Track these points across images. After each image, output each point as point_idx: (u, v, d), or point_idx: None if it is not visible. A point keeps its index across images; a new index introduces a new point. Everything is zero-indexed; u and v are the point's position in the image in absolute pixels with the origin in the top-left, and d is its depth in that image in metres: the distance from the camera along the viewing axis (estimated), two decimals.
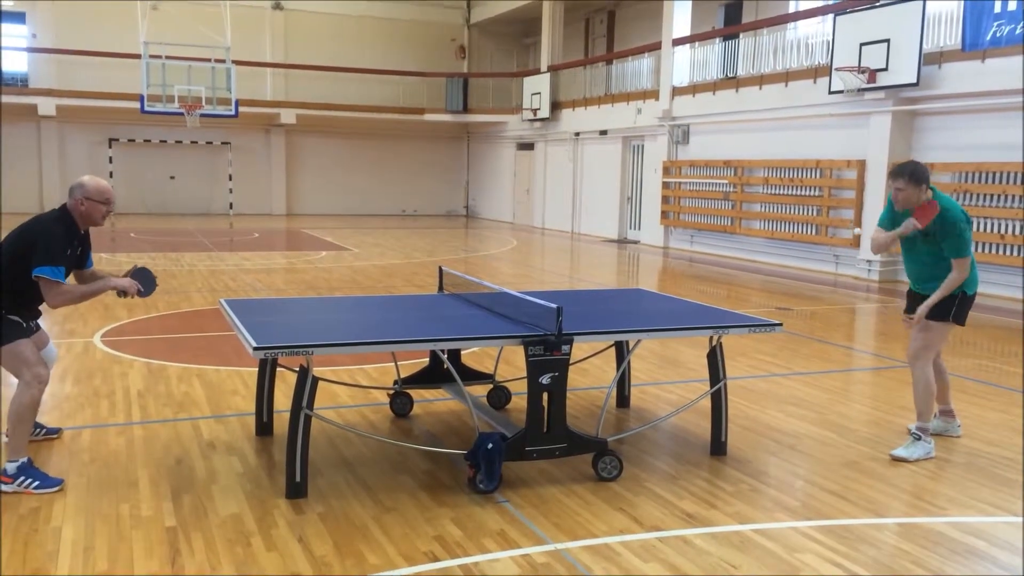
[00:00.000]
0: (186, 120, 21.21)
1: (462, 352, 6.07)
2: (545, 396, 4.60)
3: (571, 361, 4.67)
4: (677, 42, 19.28)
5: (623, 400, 6.31)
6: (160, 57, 20.92)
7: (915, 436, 5.27)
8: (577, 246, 20.52)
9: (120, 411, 5.91)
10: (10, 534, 3.92)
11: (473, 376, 6.00)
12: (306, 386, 4.32)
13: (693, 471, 4.95)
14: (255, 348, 4.18)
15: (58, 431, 5.35)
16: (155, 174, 27.14)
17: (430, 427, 5.74)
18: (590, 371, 7.21)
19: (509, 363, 7.04)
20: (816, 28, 16.27)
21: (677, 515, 4.30)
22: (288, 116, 26.99)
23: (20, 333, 4.60)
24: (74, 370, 7.01)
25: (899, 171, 5.24)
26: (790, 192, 16.05)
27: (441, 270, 6.45)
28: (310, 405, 4.35)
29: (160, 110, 21.14)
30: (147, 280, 4.97)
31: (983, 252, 12.42)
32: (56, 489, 4.43)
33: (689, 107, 18.94)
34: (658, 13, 20.01)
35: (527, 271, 15.48)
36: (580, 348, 5.60)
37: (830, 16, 15.05)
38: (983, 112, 12.65)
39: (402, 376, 5.88)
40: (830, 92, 14.69)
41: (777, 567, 3.76)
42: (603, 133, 22.42)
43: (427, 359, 5.93)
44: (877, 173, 14.02)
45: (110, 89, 24.55)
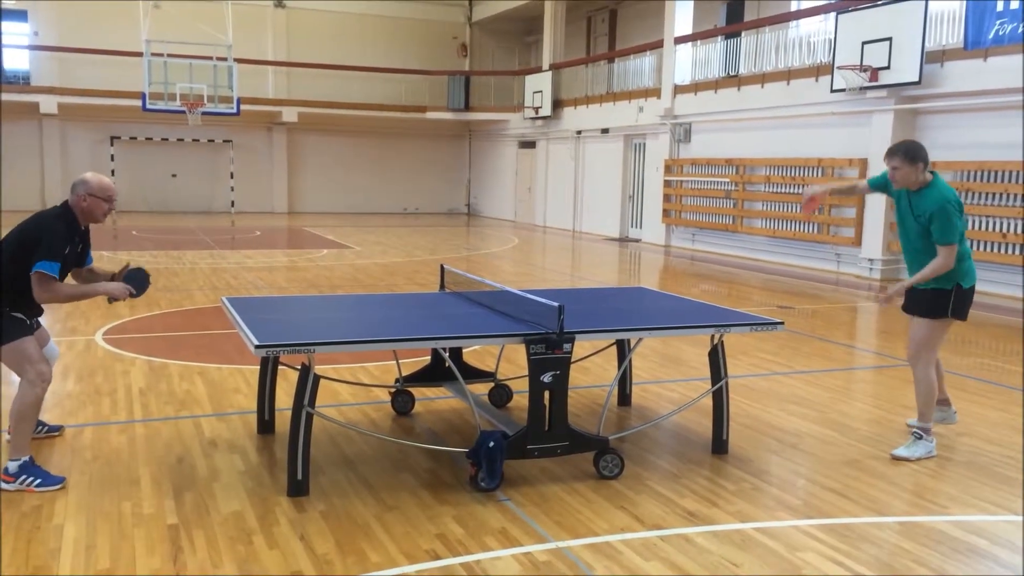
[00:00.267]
0: (188, 118, 21.21)
1: (463, 350, 6.07)
2: (546, 394, 4.60)
3: (572, 359, 4.67)
4: (679, 40, 19.27)
5: (624, 398, 6.31)
6: (162, 55, 20.91)
7: (916, 435, 5.26)
8: (579, 244, 20.52)
9: (122, 409, 5.92)
10: (12, 532, 3.93)
11: (475, 374, 6.01)
12: (308, 384, 4.32)
13: (695, 469, 4.95)
14: (257, 346, 4.19)
15: (60, 429, 5.35)
16: (157, 172, 27.15)
17: (432, 425, 5.75)
18: (591, 369, 7.21)
19: (510, 361, 7.04)
20: (818, 26, 16.25)
21: (678, 513, 4.30)
22: (290, 114, 27.00)
23: (24, 331, 4.59)
24: (76, 368, 7.02)
25: (894, 149, 5.23)
26: (792, 191, 16.03)
27: (443, 268, 6.45)
28: (312, 403, 4.35)
29: (162, 108, 21.13)
30: (139, 281, 4.91)
31: (985, 251, 12.41)
32: (58, 487, 4.44)
33: (691, 105, 18.93)
34: (660, 11, 20.00)
35: (529, 269, 15.48)
36: (581, 346, 5.60)
37: (832, 14, 15.03)
38: (985, 111, 12.63)
39: (404, 374, 5.88)
40: (832, 90, 14.68)
41: (778, 566, 3.76)
42: (605, 131, 22.41)
43: (428, 357, 5.93)
44: (879, 172, 13.98)
45: (112, 87, 24.58)
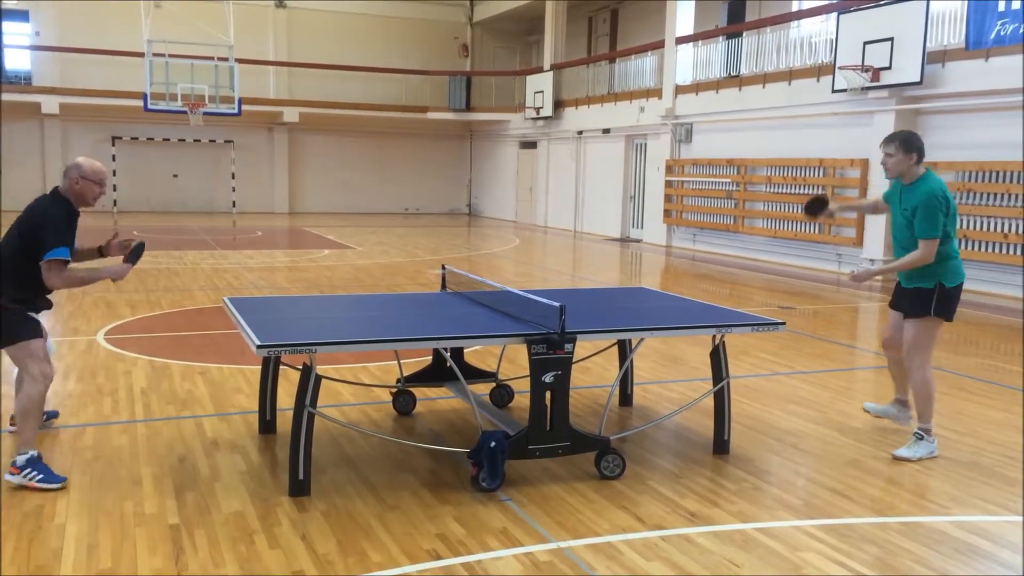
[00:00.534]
0: (189, 118, 21.21)
1: (465, 350, 6.07)
2: (548, 394, 4.60)
3: (574, 360, 4.67)
4: (680, 40, 19.27)
5: (626, 399, 6.31)
6: (163, 55, 20.92)
7: (918, 435, 5.26)
8: (580, 245, 20.52)
9: (123, 409, 5.93)
10: (14, 531, 3.93)
11: (476, 374, 6.01)
12: (309, 384, 4.33)
13: (696, 470, 4.96)
14: (258, 346, 4.19)
15: (55, 414, 5.55)
16: (158, 172, 27.16)
17: (433, 425, 5.75)
18: (593, 369, 7.21)
19: (512, 361, 7.04)
20: (820, 26, 16.24)
21: (680, 514, 4.30)
22: (291, 114, 27.01)
23: (37, 333, 4.74)
24: (78, 368, 7.03)
25: (892, 136, 5.28)
26: (793, 191, 16.03)
27: (444, 268, 6.46)
28: (313, 403, 4.35)
29: (163, 108, 21.13)
30: (139, 254, 5.00)
31: (986, 251, 12.41)
32: (58, 487, 4.46)
33: (692, 106, 18.93)
34: (661, 11, 20.00)
35: (530, 270, 15.48)
36: (583, 346, 5.60)
37: (834, 14, 15.03)
38: (987, 111, 12.63)
39: (405, 374, 5.88)
40: (833, 91, 14.68)
41: (780, 566, 3.76)
42: (606, 132, 22.41)
43: (430, 357, 5.94)
44: (880, 172, 13.95)
45: (113, 87, 24.60)
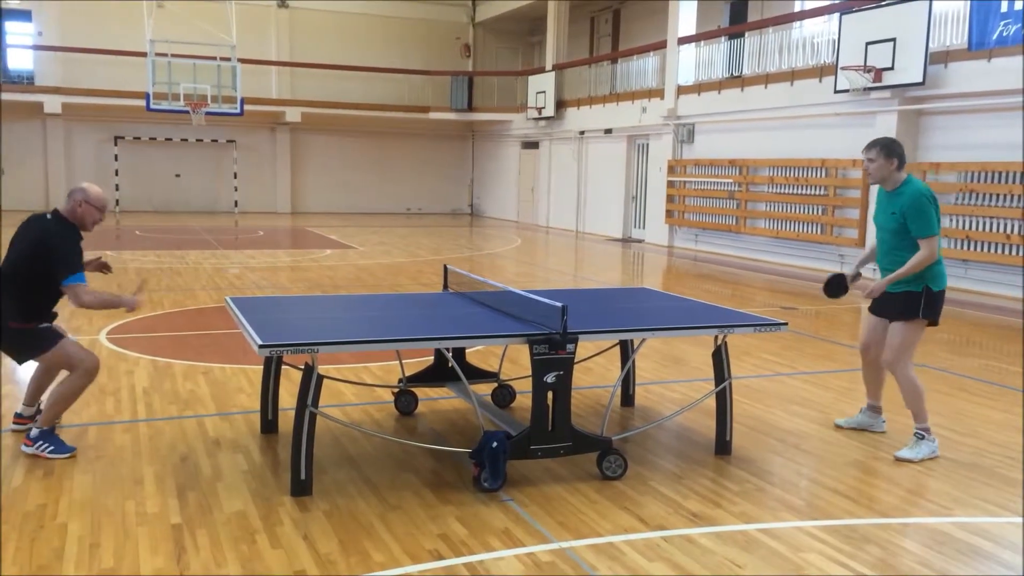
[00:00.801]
0: (191, 118, 21.22)
1: (467, 351, 6.07)
2: (550, 395, 4.60)
3: (576, 360, 4.67)
4: (682, 41, 19.26)
5: (628, 399, 6.31)
6: (166, 55, 20.93)
7: (918, 436, 5.26)
8: (582, 245, 20.52)
9: (126, 408, 5.93)
10: (16, 531, 3.94)
11: (478, 375, 6.01)
12: (311, 384, 4.33)
13: (698, 470, 4.95)
14: (260, 346, 4.20)
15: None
16: (160, 172, 27.18)
17: (435, 425, 5.75)
18: (595, 370, 7.21)
19: (514, 362, 7.04)
20: (822, 27, 16.23)
21: (682, 514, 4.30)
22: (293, 114, 27.02)
23: (55, 337, 4.94)
24: None
25: (874, 143, 5.34)
26: (795, 191, 16.02)
27: (446, 268, 6.46)
28: (315, 403, 4.35)
29: (166, 108, 21.15)
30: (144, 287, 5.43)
31: (989, 252, 12.39)
32: (68, 456, 4.79)
33: (694, 106, 18.92)
34: (663, 12, 19.99)
35: (532, 270, 15.48)
36: (585, 347, 5.60)
37: (836, 15, 15.02)
38: (989, 112, 12.61)
39: (407, 374, 5.88)
40: (836, 91, 14.67)
41: (782, 567, 3.76)
42: (608, 132, 22.40)
43: (432, 357, 5.94)
44: None
45: (116, 87, 24.60)
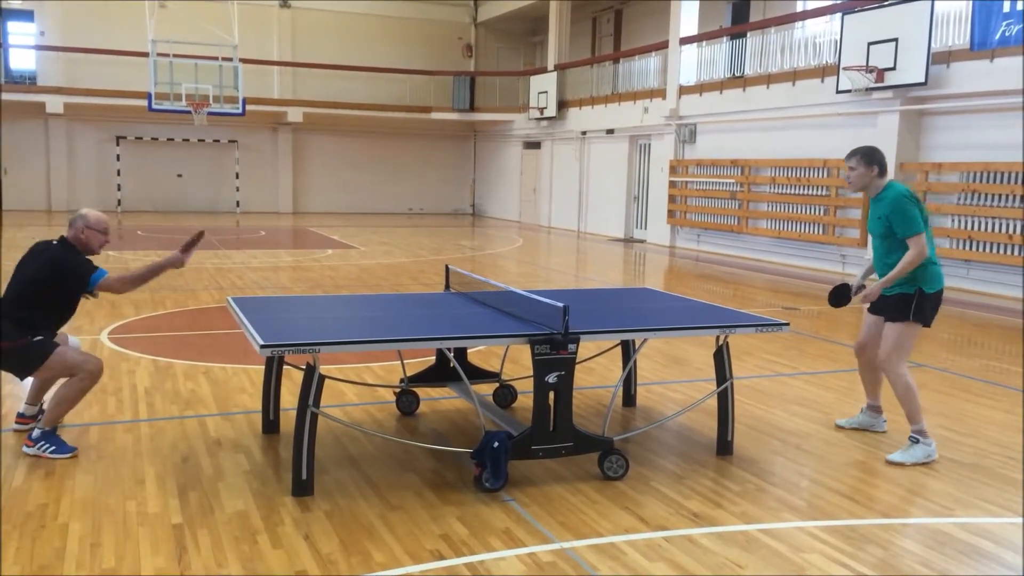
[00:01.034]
0: (193, 118, 21.24)
1: (468, 351, 6.07)
2: (551, 395, 4.60)
3: (577, 360, 4.67)
4: (684, 41, 19.26)
5: (629, 399, 6.30)
6: (168, 55, 20.95)
7: (913, 439, 5.24)
8: (583, 245, 20.52)
9: (127, 408, 5.94)
10: (17, 530, 3.94)
11: (479, 375, 6.01)
12: (312, 384, 4.33)
13: (699, 470, 4.95)
14: (262, 346, 4.20)
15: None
16: (162, 172, 27.20)
17: (436, 425, 5.75)
18: (596, 370, 7.21)
19: (515, 362, 7.04)
20: (824, 27, 16.23)
21: (683, 514, 4.30)
22: (295, 114, 27.03)
23: (50, 348, 4.98)
24: None
25: (852, 152, 5.46)
26: (797, 192, 16.02)
27: (447, 268, 6.46)
28: (316, 403, 4.35)
29: (168, 108, 21.16)
30: (195, 243, 5.30)
31: (991, 252, 12.38)
32: (69, 456, 4.82)
33: (696, 106, 18.92)
34: (665, 12, 19.99)
35: (533, 270, 15.48)
36: (586, 347, 5.59)
37: (838, 15, 15.01)
38: (991, 112, 12.60)
39: (408, 374, 5.88)
40: (838, 91, 14.66)
41: (783, 567, 3.76)
42: (610, 132, 22.40)
43: (433, 357, 5.94)
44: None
45: (118, 87, 24.63)
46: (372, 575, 3.60)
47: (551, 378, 4.56)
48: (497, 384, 6.11)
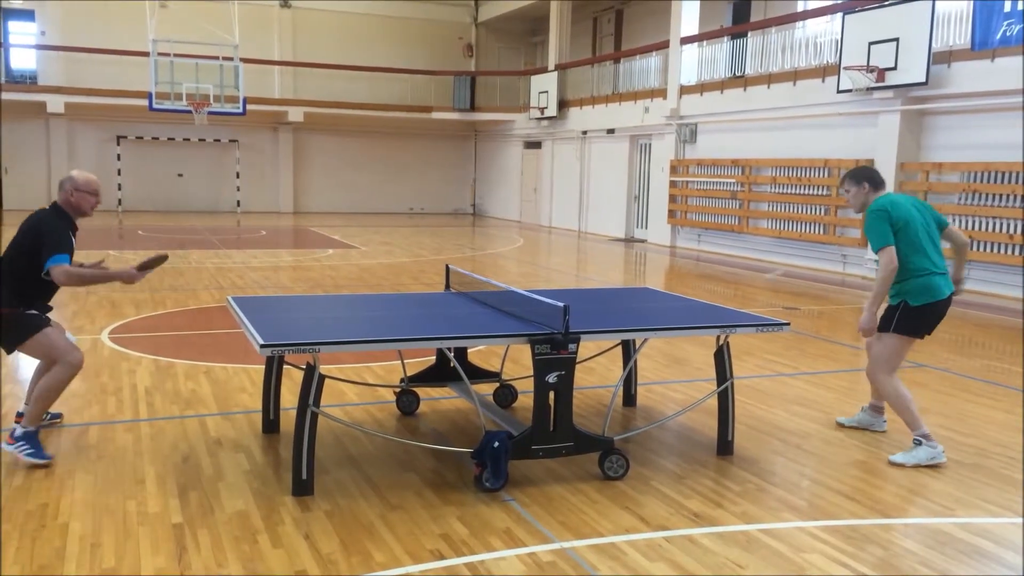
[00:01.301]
0: (194, 118, 21.24)
1: (468, 350, 6.07)
2: (551, 395, 4.60)
3: (578, 360, 4.67)
4: (685, 41, 19.25)
5: (629, 399, 6.30)
6: (168, 55, 20.96)
7: (916, 442, 5.22)
8: (584, 245, 20.51)
9: (127, 408, 5.93)
10: (17, 530, 3.94)
11: (479, 374, 6.00)
12: (312, 384, 4.33)
13: (699, 470, 4.95)
14: (262, 346, 4.19)
15: (59, 416, 5.58)
16: (163, 171, 27.21)
17: (436, 425, 5.75)
18: (596, 370, 7.21)
19: (516, 361, 7.04)
20: (825, 27, 16.22)
21: (683, 514, 4.30)
22: (296, 114, 27.03)
23: (42, 324, 4.88)
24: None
25: (843, 177, 5.57)
26: (798, 191, 16.01)
27: (448, 268, 6.45)
28: (316, 403, 4.35)
29: (168, 108, 21.17)
30: (154, 265, 5.13)
31: (991, 252, 12.38)
32: (45, 462, 4.71)
33: (697, 106, 18.91)
34: (666, 11, 19.98)
35: (534, 270, 15.48)
36: (587, 347, 5.59)
37: (839, 15, 15.00)
38: (992, 112, 12.59)
39: (408, 374, 5.88)
40: (838, 91, 14.65)
41: (783, 567, 3.75)
42: (610, 132, 22.39)
43: (433, 357, 5.93)
44: (886, 173, 13.93)
45: (119, 87, 24.64)
46: (372, 575, 3.60)
47: (551, 378, 4.56)
48: (497, 384, 6.11)
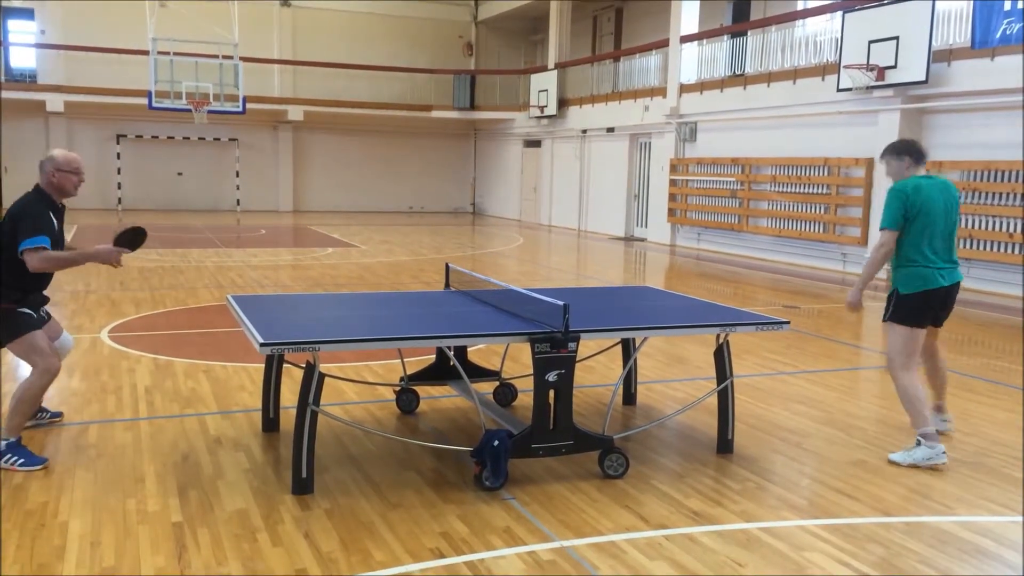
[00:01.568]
0: (194, 116, 21.23)
1: (468, 349, 6.07)
2: (551, 393, 4.59)
3: (577, 358, 4.66)
4: (685, 39, 19.24)
5: (629, 398, 6.30)
6: (168, 53, 20.94)
7: (917, 441, 5.22)
8: (584, 243, 20.51)
9: (127, 407, 5.93)
10: (17, 529, 3.93)
11: (479, 373, 6.00)
12: (312, 382, 4.32)
13: (699, 469, 4.94)
14: (262, 344, 4.19)
15: (60, 415, 5.56)
16: (163, 170, 27.20)
17: (436, 424, 5.74)
18: (596, 368, 7.20)
19: (516, 360, 7.03)
20: (825, 25, 16.21)
21: (683, 513, 4.29)
22: (295, 113, 27.02)
23: (32, 325, 4.80)
24: (81, 365, 7.03)
25: (885, 148, 5.60)
26: (798, 190, 16.00)
27: (448, 267, 6.45)
28: (316, 401, 4.35)
29: (168, 106, 21.15)
30: (131, 239, 5.00)
31: (991, 251, 12.37)
32: (40, 467, 4.63)
33: (696, 104, 18.90)
34: (666, 10, 19.97)
35: (534, 268, 15.48)
36: (586, 345, 5.59)
37: (839, 13, 15.00)
38: (992, 110, 12.59)
39: (408, 373, 5.88)
40: (838, 89, 14.64)
41: (783, 566, 3.75)
42: (610, 130, 22.38)
43: (433, 356, 5.93)
44: (883, 170, 13.97)
45: (118, 85, 24.62)
46: (372, 574, 3.60)
47: (551, 376, 4.55)
48: (497, 382, 6.10)
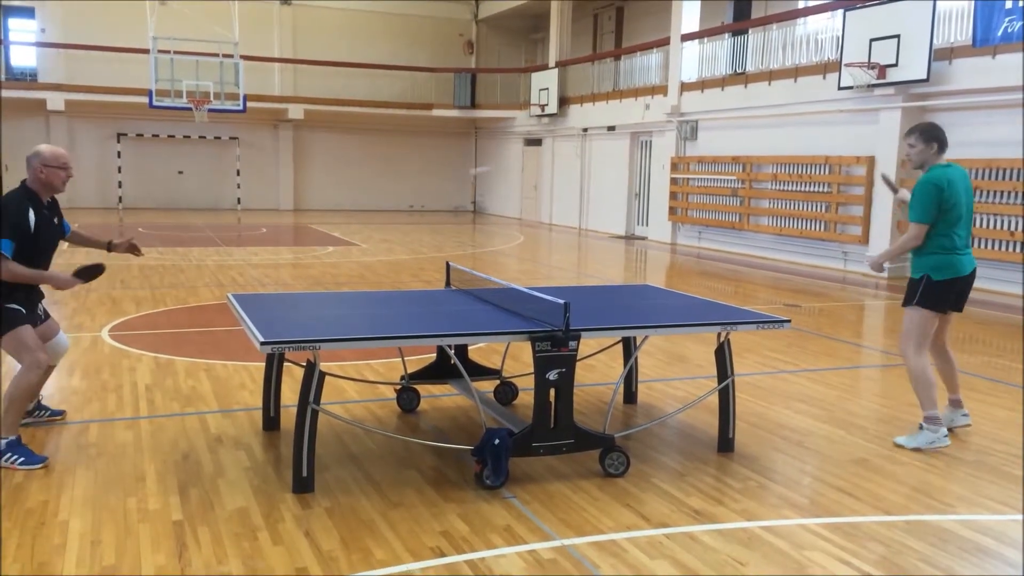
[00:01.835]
0: (194, 115, 21.23)
1: (469, 348, 6.06)
2: (552, 392, 4.59)
3: (578, 357, 4.66)
4: (686, 37, 19.23)
5: (630, 396, 6.29)
6: (169, 52, 20.93)
7: (920, 426, 5.26)
8: (584, 242, 20.50)
9: (128, 405, 5.93)
10: (17, 528, 3.93)
11: (480, 372, 6.00)
12: (313, 381, 4.32)
13: (700, 468, 4.94)
14: (262, 343, 4.19)
15: (62, 413, 5.54)
16: (163, 169, 27.20)
17: (437, 423, 5.74)
18: (597, 367, 7.20)
19: (516, 359, 7.03)
20: (826, 23, 16.20)
21: (684, 512, 4.29)
22: (296, 111, 27.02)
23: (20, 320, 4.74)
24: (82, 364, 7.03)
25: (912, 128, 5.61)
26: (799, 188, 15.99)
27: (448, 265, 6.44)
28: (317, 400, 4.35)
29: (168, 105, 21.15)
30: (90, 274, 4.91)
31: (992, 249, 12.36)
32: (40, 466, 4.62)
33: (697, 103, 18.89)
34: (667, 8, 19.96)
35: (534, 267, 15.47)
36: (587, 344, 5.59)
37: (840, 11, 14.98)
38: (993, 108, 12.58)
39: (409, 371, 5.87)
40: (839, 88, 14.63)
41: (784, 564, 3.75)
42: (611, 129, 22.37)
43: (434, 354, 5.93)
44: (887, 169, 13.94)
45: (119, 84, 24.63)
46: (373, 572, 3.59)
47: (552, 375, 4.55)
48: (498, 381, 6.10)
